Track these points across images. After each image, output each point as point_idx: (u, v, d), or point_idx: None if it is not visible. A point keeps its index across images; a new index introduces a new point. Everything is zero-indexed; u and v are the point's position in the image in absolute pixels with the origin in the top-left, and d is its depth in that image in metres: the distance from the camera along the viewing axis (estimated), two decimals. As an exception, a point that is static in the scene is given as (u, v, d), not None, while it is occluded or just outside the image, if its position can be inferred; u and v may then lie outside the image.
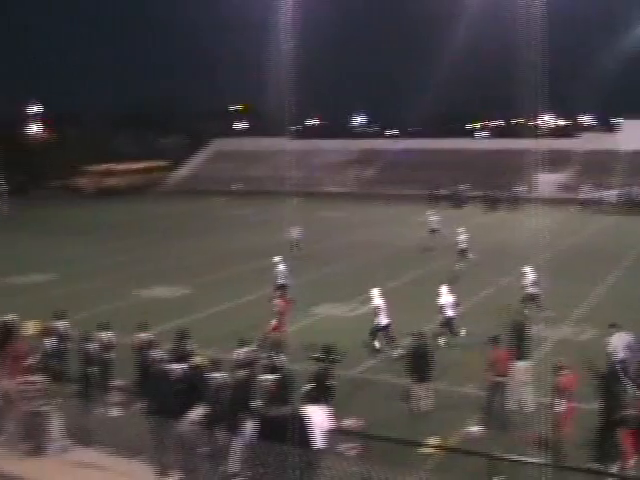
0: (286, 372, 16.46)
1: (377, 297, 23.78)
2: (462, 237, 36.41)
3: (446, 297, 24.43)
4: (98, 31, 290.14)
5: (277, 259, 29.08)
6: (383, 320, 23.47)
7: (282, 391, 10.21)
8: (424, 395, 18.61)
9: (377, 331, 23.54)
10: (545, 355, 20.65)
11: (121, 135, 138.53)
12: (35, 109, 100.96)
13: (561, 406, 15.57)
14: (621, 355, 18.65)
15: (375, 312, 23.53)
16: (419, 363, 18.61)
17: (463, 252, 35.89)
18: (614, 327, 19.54)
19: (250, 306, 28.98)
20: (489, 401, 17.77)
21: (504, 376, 17.78)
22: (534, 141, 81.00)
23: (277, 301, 24.54)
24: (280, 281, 28.08)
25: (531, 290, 26.77)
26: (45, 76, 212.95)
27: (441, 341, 23.71)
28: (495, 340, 18.21)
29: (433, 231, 43.39)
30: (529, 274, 27.03)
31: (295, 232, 41.26)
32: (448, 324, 24.20)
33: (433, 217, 44.59)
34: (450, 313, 24.29)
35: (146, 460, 11.93)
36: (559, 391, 15.78)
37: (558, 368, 16.03)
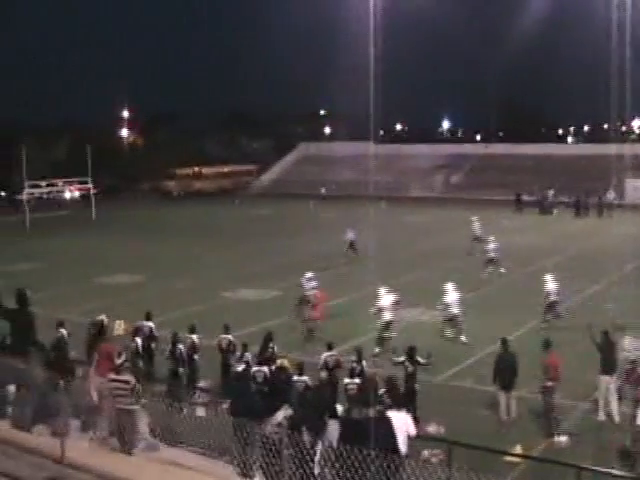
0: (369, 376, 16.50)
1: (384, 296, 24.44)
2: (491, 246, 35.05)
3: (452, 295, 25.62)
4: (183, 33, 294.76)
5: (309, 275, 28.51)
6: (387, 316, 24.11)
7: (365, 395, 10.25)
8: (509, 403, 18.39)
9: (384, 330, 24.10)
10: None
11: (211, 138, 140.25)
12: (127, 112, 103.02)
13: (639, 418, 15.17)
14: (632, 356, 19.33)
15: (379, 310, 24.29)
16: (504, 370, 18.41)
17: (492, 261, 34.68)
18: (620, 330, 20.60)
19: (336, 308, 29.09)
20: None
21: (555, 381, 17.86)
22: (624, 146, 79.55)
23: (314, 292, 26.85)
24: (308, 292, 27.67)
25: (552, 299, 26.44)
26: (137, 79, 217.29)
27: (447, 333, 25.47)
28: (547, 345, 18.37)
29: (476, 239, 41.99)
30: (549, 282, 26.66)
31: (350, 234, 41.15)
32: (454, 320, 25.39)
33: (476, 224, 43.09)
34: (456, 310, 25.35)
35: (231, 461, 12.10)
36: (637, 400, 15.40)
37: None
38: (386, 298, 24.45)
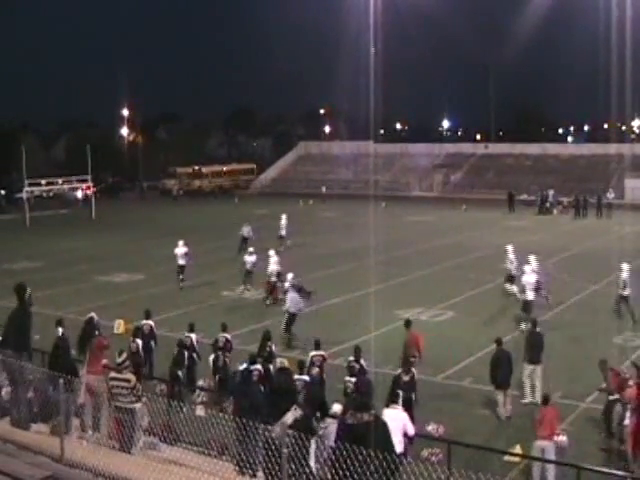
0: (367, 376, 16.46)
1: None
2: (252, 258, 32.85)
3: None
4: (184, 33, 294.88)
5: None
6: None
7: (362, 395, 10.22)
8: (506, 401, 18.36)
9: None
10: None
11: (211, 138, 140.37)
12: (127, 111, 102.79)
13: (627, 419, 15.07)
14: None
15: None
16: (500, 369, 18.36)
17: (249, 274, 33.00)
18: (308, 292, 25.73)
19: (337, 307, 29.26)
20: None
21: (415, 357, 19.24)
22: (623, 146, 79.50)
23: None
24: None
25: (273, 279, 30.13)
26: (138, 78, 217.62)
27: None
28: (408, 324, 20.16)
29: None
30: (272, 264, 30.43)
31: (245, 230, 42.25)
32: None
33: (283, 221, 44.19)
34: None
35: (230, 460, 12.08)
36: (625, 402, 15.28)
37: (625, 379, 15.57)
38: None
